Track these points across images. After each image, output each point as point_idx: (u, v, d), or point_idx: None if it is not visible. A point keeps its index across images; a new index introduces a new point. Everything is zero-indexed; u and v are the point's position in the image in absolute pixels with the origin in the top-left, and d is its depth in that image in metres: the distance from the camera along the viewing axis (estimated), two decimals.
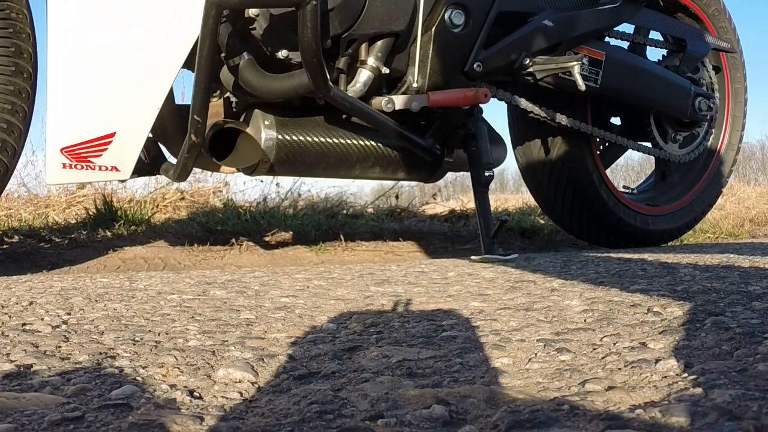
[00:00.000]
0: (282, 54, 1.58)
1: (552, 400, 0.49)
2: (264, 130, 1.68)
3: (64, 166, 1.47)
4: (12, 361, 0.63)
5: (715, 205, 2.65)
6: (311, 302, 0.99)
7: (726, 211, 3.96)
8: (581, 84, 1.91)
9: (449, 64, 1.78)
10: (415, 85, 1.75)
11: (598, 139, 2.26)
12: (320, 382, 0.57)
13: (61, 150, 1.46)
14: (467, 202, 3.60)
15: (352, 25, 1.59)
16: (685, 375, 0.53)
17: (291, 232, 2.60)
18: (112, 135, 1.49)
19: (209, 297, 1.04)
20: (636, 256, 1.75)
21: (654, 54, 4.79)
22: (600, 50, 2.04)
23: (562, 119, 2.06)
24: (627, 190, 2.42)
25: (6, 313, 0.88)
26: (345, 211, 3.18)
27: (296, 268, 1.57)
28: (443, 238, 2.66)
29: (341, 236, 2.46)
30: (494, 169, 1.90)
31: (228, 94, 1.75)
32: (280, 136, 1.69)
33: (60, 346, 0.69)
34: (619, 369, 0.57)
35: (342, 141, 1.76)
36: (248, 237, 2.44)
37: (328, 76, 1.53)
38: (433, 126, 1.85)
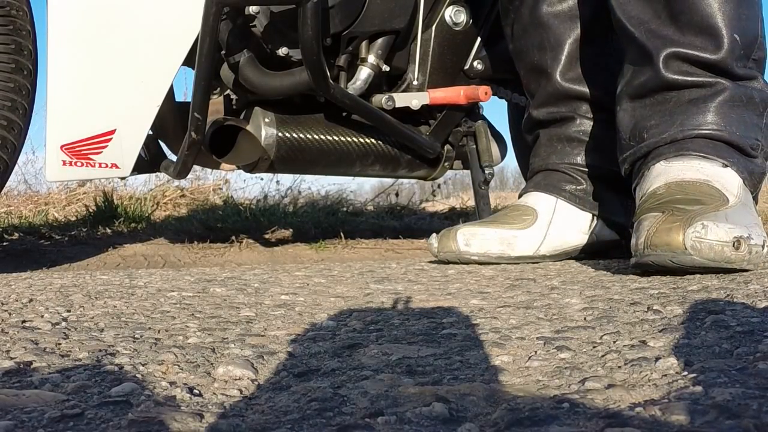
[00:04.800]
0: (282, 51, 1.58)
1: (552, 398, 0.49)
2: (264, 128, 1.68)
3: (64, 163, 1.47)
4: (12, 359, 0.63)
5: None
6: (311, 300, 0.99)
7: None
8: None
9: (450, 62, 1.78)
10: (415, 82, 1.75)
11: None
12: (320, 379, 0.57)
13: (61, 147, 1.46)
14: (467, 199, 3.60)
15: (353, 22, 1.59)
16: (685, 373, 0.53)
17: (291, 230, 2.60)
18: (113, 132, 1.49)
19: (209, 294, 1.04)
20: None
21: None
22: None
23: None
24: None
25: (6, 311, 0.88)
26: (345, 209, 3.18)
27: (296, 266, 1.57)
28: None
29: (341, 234, 2.46)
30: (494, 167, 1.90)
31: (228, 91, 1.75)
32: (280, 134, 1.69)
33: (60, 344, 0.69)
34: (619, 367, 0.57)
35: (342, 138, 1.77)
36: (248, 234, 2.44)
37: (329, 74, 1.53)
38: (434, 124, 1.85)
